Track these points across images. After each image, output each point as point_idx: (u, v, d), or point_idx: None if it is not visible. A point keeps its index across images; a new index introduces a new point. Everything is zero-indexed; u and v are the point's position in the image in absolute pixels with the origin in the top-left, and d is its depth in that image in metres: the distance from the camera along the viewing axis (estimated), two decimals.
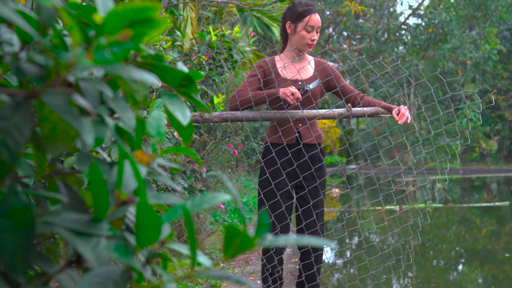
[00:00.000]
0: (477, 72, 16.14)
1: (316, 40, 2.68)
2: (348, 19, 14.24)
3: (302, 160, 2.68)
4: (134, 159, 0.62)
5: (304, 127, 2.69)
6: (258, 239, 0.56)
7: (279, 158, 2.67)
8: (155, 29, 0.55)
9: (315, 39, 2.67)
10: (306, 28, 2.63)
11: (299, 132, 2.69)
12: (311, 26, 2.63)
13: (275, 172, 2.66)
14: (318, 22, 2.65)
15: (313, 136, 2.70)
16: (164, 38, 2.96)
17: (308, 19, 2.62)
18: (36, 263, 0.56)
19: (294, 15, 2.65)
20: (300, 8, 2.64)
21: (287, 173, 2.68)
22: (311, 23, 2.63)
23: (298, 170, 2.69)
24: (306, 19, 2.62)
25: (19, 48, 0.56)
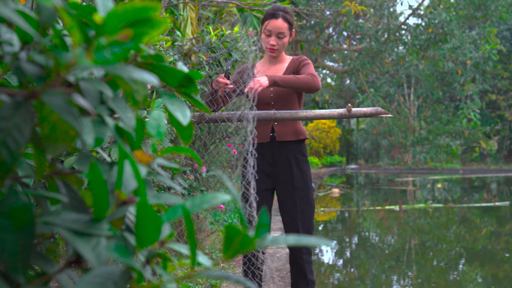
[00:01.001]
0: (477, 72, 16.13)
1: (276, 45, 2.67)
2: (348, 19, 14.24)
3: (278, 159, 2.67)
4: (134, 159, 0.62)
5: (279, 124, 2.68)
6: (258, 239, 0.56)
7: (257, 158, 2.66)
8: (155, 29, 0.55)
9: (274, 44, 2.66)
10: (264, 31, 2.67)
11: (273, 130, 2.68)
12: (269, 31, 2.65)
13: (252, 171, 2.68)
14: (277, 28, 2.64)
15: (290, 133, 2.67)
16: (164, 38, 2.96)
17: (267, 23, 2.65)
18: (36, 263, 0.56)
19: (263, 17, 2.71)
20: (268, 11, 2.69)
21: (265, 172, 2.67)
22: (269, 27, 2.64)
23: (275, 170, 2.68)
24: (266, 23, 2.65)
25: (19, 48, 0.56)
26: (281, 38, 2.66)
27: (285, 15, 2.65)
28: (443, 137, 19.93)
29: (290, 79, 2.54)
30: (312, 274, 2.71)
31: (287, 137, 2.67)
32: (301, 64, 2.71)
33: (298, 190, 2.65)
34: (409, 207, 9.46)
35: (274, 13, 2.65)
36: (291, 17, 2.71)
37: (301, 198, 2.65)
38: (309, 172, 2.73)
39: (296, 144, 2.69)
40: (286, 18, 2.65)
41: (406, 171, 20.27)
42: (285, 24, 2.65)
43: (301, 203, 2.65)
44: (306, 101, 24.81)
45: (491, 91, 22.16)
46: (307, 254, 2.66)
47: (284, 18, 2.64)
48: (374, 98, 16.97)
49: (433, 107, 20.34)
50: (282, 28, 2.64)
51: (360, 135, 25.35)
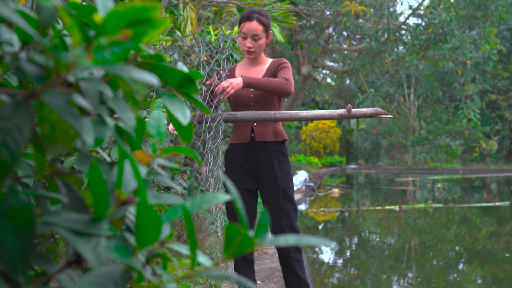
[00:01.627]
0: (477, 72, 16.13)
1: (253, 47, 2.68)
2: (348, 19, 14.24)
3: (259, 159, 2.70)
4: (134, 159, 0.62)
5: (258, 124, 2.71)
6: (258, 239, 0.56)
7: (237, 157, 2.72)
8: (155, 29, 0.55)
9: (250, 46, 2.68)
10: (241, 34, 2.69)
11: (253, 131, 2.71)
12: (244, 33, 2.67)
13: (232, 171, 2.72)
14: (252, 30, 2.65)
15: (269, 134, 2.70)
16: (164, 38, 2.96)
17: (242, 25, 2.67)
18: (36, 263, 0.56)
19: (240, 19, 2.73)
20: (244, 14, 2.71)
21: (246, 173, 2.71)
22: (244, 29, 2.67)
23: (256, 170, 2.71)
24: (241, 25, 2.68)
25: (19, 48, 0.56)
26: (257, 40, 2.68)
27: (260, 17, 2.66)
28: (443, 137, 19.92)
29: (263, 82, 2.58)
30: (304, 272, 2.71)
31: (267, 138, 2.70)
32: (280, 67, 2.73)
33: (281, 190, 2.69)
34: (409, 207, 9.46)
35: (248, 16, 2.67)
36: (267, 19, 2.71)
37: (284, 197, 2.68)
38: (290, 171, 2.78)
39: (276, 145, 2.72)
40: (260, 20, 2.66)
41: (406, 171, 20.27)
42: (259, 26, 2.66)
43: (284, 203, 2.68)
44: (306, 101, 24.82)
45: (491, 91, 22.15)
46: (296, 253, 2.67)
47: (259, 20, 2.65)
48: (374, 98, 16.97)
49: (433, 107, 20.33)
50: (256, 30, 2.65)
51: (360, 135, 25.35)
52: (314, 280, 4.50)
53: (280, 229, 2.66)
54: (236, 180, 2.70)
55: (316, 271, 4.94)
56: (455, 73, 16.06)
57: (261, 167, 2.70)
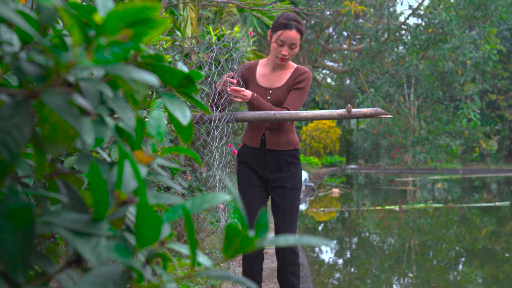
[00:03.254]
0: (477, 72, 16.13)
1: (288, 55, 2.67)
2: (348, 19, 14.24)
3: (268, 163, 2.72)
4: (134, 159, 0.62)
5: (271, 132, 2.71)
6: (258, 239, 0.56)
7: (248, 159, 2.74)
8: (155, 29, 0.55)
9: (285, 54, 2.66)
10: (277, 41, 2.66)
11: (264, 136, 2.73)
12: (282, 41, 2.64)
13: (244, 172, 2.75)
14: (291, 38, 2.64)
15: (282, 143, 2.71)
16: (164, 38, 2.96)
17: (280, 33, 2.64)
18: (36, 263, 0.56)
19: (274, 25, 2.70)
20: (279, 20, 2.67)
21: (256, 174, 2.74)
22: (282, 37, 2.64)
23: (265, 172, 2.73)
24: (279, 33, 2.64)
25: (19, 48, 0.56)
26: (293, 49, 2.67)
27: (298, 25, 2.66)
28: (443, 137, 19.92)
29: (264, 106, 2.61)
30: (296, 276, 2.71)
31: (278, 147, 2.71)
32: (296, 83, 2.71)
33: (288, 191, 2.71)
34: (409, 207, 9.46)
35: (287, 24, 2.64)
36: (303, 26, 2.72)
37: (290, 200, 2.71)
38: (300, 173, 2.78)
39: (287, 151, 2.74)
40: (299, 29, 2.65)
41: (406, 171, 20.27)
42: (298, 35, 2.66)
43: (290, 205, 2.71)
44: (306, 101, 24.81)
45: (491, 91, 22.15)
46: (291, 255, 2.68)
47: (298, 29, 2.65)
48: (374, 98, 16.97)
49: (433, 107, 20.34)
50: (295, 39, 2.65)
51: (360, 135, 25.35)
52: (314, 280, 4.50)
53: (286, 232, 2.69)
54: (247, 179, 2.74)
55: (316, 271, 4.94)
56: (455, 73, 16.06)
57: (270, 170, 2.73)
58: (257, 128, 2.73)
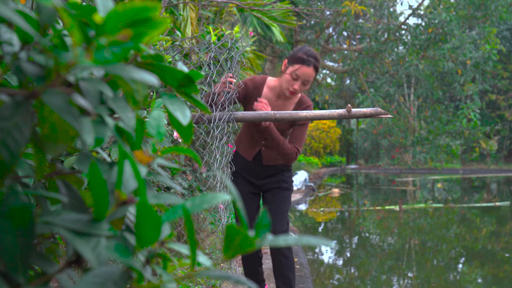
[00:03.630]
0: (477, 72, 16.13)
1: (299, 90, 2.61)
2: (348, 19, 14.24)
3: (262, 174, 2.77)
4: (134, 159, 0.62)
5: (267, 149, 2.73)
6: (258, 239, 0.56)
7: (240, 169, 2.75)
8: (155, 29, 0.55)
9: (296, 88, 2.59)
10: (292, 74, 2.58)
11: (260, 152, 2.74)
12: (297, 76, 2.57)
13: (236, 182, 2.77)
14: (306, 75, 2.57)
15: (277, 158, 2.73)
16: (164, 38, 2.95)
17: (298, 67, 2.56)
18: (36, 263, 0.56)
19: (292, 56, 2.63)
20: (299, 54, 2.60)
21: (248, 182, 2.77)
22: (298, 72, 2.57)
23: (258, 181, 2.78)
24: (296, 67, 2.57)
25: (19, 48, 0.56)
26: (305, 85, 2.62)
27: (316, 63, 2.60)
28: (443, 137, 19.92)
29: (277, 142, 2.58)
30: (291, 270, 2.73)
31: (275, 162, 2.75)
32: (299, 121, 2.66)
33: (280, 190, 2.76)
34: (409, 207, 9.46)
35: (306, 60, 2.57)
36: (319, 64, 2.67)
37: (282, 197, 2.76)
38: (292, 175, 2.83)
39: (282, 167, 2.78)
40: (316, 66, 2.60)
41: (406, 171, 20.27)
42: (313, 73, 2.60)
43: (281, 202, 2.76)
44: None
45: (491, 91, 22.14)
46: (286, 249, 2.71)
47: (315, 67, 2.59)
48: (374, 98, 16.98)
49: (433, 107, 20.33)
50: (310, 76, 2.59)
51: (360, 135, 25.35)
52: (314, 280, 4.50)
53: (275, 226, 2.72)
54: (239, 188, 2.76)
55: (316, 271, 4.94)
56: (455, 73, 16.06)
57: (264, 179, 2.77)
58: (254, 142, 2.73)
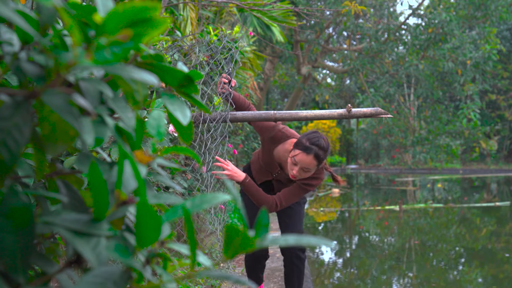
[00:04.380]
0: (477, 72, 16.13)
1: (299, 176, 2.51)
2: (348, 19, 14.24)
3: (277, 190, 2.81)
4: (134, 159, 0.62)
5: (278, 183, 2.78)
6: (258, 239, 0.56)
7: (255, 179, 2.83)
8: (155, 29, 0.55)
9: (295, 174, 2.50)
10: (292, 158, 2.50)
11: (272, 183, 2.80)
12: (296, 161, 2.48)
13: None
14: (305, 163, 2.46)
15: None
16: (164, 38, 2.95)
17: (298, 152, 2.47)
18: (36, 263, 0.56)
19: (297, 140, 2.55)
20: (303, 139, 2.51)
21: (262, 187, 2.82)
22: (297, 158, 2.47)
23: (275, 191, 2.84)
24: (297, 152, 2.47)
25: (19, 48, 0.56)
26: (306, 172, 2.50)
27: (319, 151, 2.46)
28: (443, 137, 19.92)
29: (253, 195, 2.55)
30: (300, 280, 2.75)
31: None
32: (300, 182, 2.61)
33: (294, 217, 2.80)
34: (409, 207, 9.46)
35: (307, 148, 2.46)
36: (325, 154, 2.50)
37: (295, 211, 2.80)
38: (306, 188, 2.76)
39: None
40: (318, 156, 2.46)
41: (406, 171, 20.27)
42: (314, 162, 2.46)
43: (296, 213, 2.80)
44: (306, 101, 24.81)
45: (491, 91, 22.15)
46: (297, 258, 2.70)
47: (316, 156, 2.45)
48: (374, 98, 16.98)
49: (433, 107, 20.34)
50: (310, 165, 2.46)
51: (360, 135, 25.35)
52: (314, 280, 4.50)
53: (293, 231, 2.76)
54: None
55: (316, 271, 4.94)
56: (455, 73, 16.07)
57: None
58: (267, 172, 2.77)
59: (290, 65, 17.67)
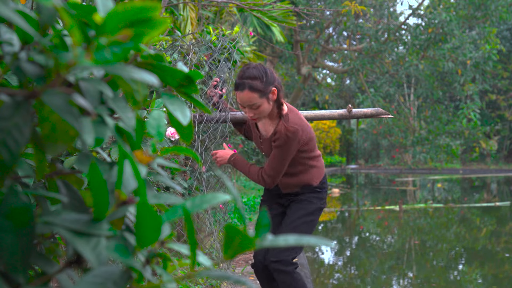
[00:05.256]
0: (477, 72, 16.13)
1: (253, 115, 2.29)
2: (348, 19, 14.24)
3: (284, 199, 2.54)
4: (134, 159, 0.62)
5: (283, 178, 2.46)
6: (258, 239, 0.56)
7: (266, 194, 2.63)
8: (155, 29, 0.55)
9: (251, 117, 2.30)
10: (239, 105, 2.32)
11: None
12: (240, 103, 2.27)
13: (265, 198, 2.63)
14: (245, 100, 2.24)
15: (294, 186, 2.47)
16: (164, 38, 2.96)
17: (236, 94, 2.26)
18: (36, 263, 0.56)
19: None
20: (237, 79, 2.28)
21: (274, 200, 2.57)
22: (238, 100, 2.27)
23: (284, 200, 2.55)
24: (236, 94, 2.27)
25: (19, 48, 0.56)
26: (255, 108, 2.27)
27: (252, 83, 2.21)
28: (443, 137, 19.92)
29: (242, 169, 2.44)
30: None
31: (292, 189, 2.48)
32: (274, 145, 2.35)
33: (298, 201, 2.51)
34: (409, 207, 9.46)
35: (238, 84, 2.24)
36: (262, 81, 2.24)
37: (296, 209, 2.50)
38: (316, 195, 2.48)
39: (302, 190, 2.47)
40: (253, 87, 2.21)
41: (406, 171, 20.27)
42: (252, 95, 2.22)
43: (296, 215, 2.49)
44: (306, 101, 24.80)
45: (491, 91, 22.14)
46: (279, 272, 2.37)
47: (252, 88, 2.21)
48: (374, 98, 16.98)
49: (433, 107, 20.33)
50: (250, 100, 2.23)
51: (360, 135, 25.35)
52: (314, 280, 4.50)
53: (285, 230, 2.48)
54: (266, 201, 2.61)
55: (316, 271, 4.94)
56: (455, 73, 16.07)
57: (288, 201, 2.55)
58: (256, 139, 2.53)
59: (290, 65, 17.67)
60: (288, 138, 2.29)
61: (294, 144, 2.32)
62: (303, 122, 2.38)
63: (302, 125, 2.34)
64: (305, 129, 2.35)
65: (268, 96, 2.27)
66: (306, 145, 2.37)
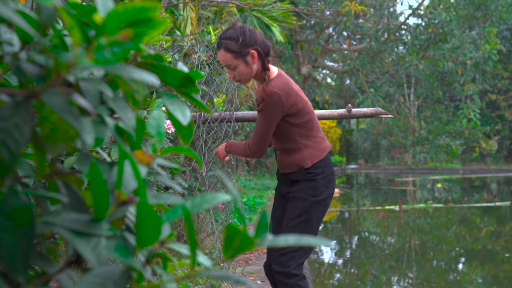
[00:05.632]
0: (477, 72, 16.14)
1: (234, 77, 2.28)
2: (348, 19, 14.25)
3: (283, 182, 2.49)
4: (134, 159, 0.62)
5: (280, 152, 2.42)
6: (258, 239, 0.56)
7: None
8: (155, 29, 0.55)
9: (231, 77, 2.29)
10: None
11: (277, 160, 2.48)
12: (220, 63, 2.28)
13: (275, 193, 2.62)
14: (223, 61, 2.24)
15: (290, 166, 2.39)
16: (164, 38, 2.96)
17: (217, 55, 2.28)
18: (36, 263, 0.56)
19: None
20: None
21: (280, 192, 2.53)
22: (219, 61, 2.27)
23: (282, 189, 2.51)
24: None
25: (19, 48, 0.56)
26: (234, 69, 2.25)
27: (228, 43, 2.20)
28: (443, 137, 19.93)
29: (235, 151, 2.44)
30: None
31: (286, 169, 2.41)
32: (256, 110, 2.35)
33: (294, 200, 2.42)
34: (409, 207, 9.46)
35: (217, 44, 2.26)
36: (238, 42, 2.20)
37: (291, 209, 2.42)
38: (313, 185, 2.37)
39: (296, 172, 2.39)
40: (228, 47, 2.19)
41: (406, 171, 20.28)
42: (227, 55, 2.21)
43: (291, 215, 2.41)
44: None
45: (491, 91, 22.15)
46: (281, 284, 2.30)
47: (226, 48, 2.20)
48: (374, 98, 16.98)
49: (433, 107, 20.34)
50: (226, 60, 2.22)
51: (360, 135, 25.36)
52: (314, 280, 4.50)
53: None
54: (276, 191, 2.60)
55: (316, 271, 4.94)
56: (455, 73, 16.07)
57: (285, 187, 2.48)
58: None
59: (290, 65, 17.68)
60: (265, 103, 2.21)
61: (275, 110, 2.23)
62: (289, 89, 2.26)
63: (285, 91, 2.24)
64: (289, 96, 2.25)
65: (245, 58, 2.22)
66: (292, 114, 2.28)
